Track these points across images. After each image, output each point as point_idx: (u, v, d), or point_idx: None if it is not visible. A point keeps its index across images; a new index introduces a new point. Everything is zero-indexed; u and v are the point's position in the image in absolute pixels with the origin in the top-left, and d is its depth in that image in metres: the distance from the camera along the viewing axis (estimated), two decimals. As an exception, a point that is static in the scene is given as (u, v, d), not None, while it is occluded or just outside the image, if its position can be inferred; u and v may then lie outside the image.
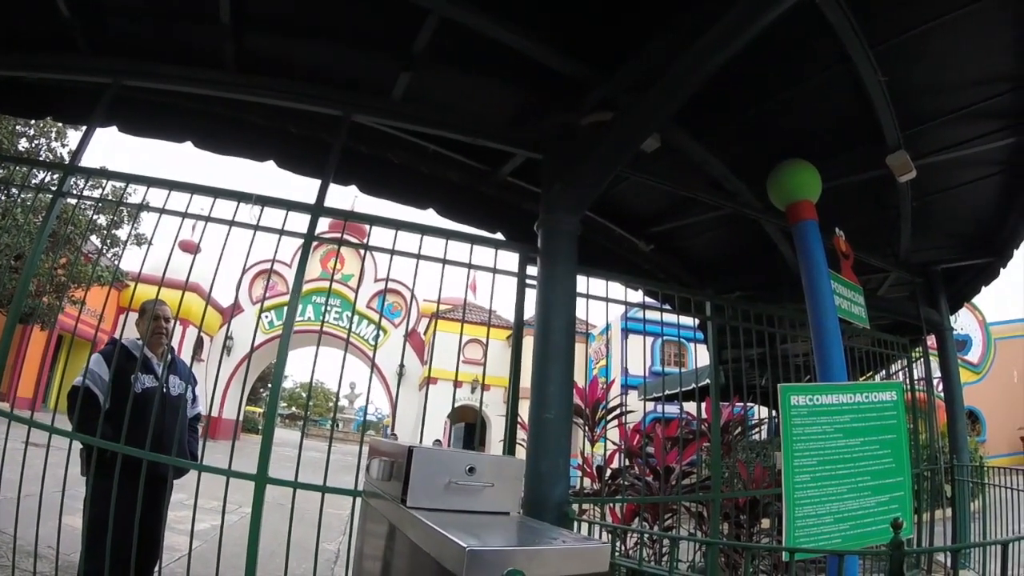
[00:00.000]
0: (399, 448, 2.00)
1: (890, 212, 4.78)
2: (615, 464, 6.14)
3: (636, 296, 4.99)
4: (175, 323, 3.71)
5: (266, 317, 27.52)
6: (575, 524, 3.10)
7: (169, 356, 3.60)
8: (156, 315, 3.61)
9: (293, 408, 62.93)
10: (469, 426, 24.67)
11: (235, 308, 26.74)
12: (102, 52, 4.05)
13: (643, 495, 5.26)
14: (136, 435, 3.08)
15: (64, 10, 3.72)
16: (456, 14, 3.22)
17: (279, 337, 3.46)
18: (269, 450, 3.22)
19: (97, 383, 3.30)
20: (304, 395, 60.11)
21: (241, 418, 27.42)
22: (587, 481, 5.70)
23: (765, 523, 5.47)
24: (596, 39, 3.39)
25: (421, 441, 3.03)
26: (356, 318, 28.65)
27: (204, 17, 3.59)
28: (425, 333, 28.84)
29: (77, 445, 3.21)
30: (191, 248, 4.72)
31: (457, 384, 4.27)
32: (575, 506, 3.27)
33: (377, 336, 4.51)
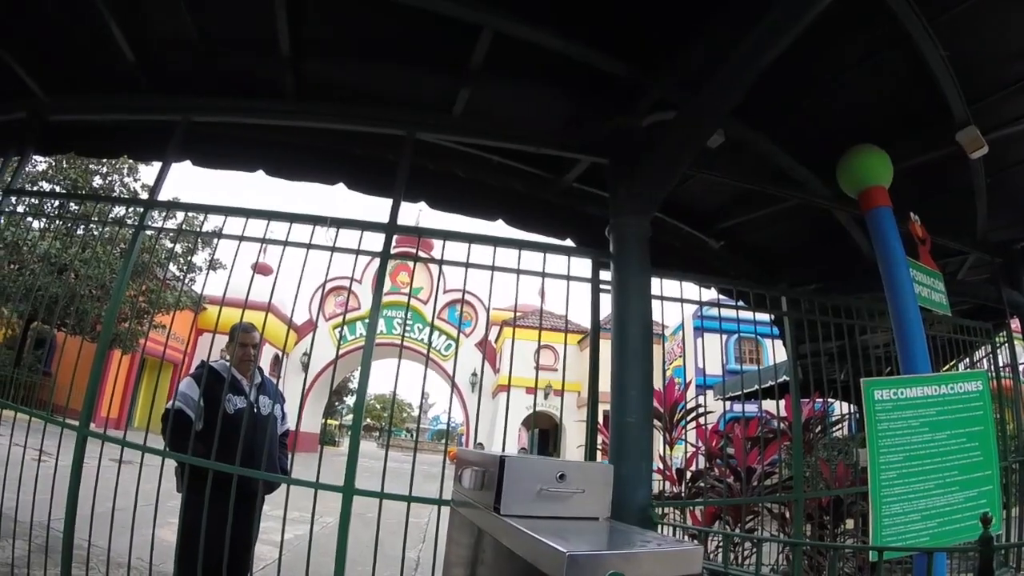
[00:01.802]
0: (489, 458, 2.03)
1: (963, 191, 4.58)
2: (695, 466, 6.07)
3: (709, 294, 4.92)
4: (261, 345, 3.86)
5: (338, 332, 28.18)
6: (658, 527, 3.09)
7: (259, 377, 3.74)
8: (244, 341, 3.77)
9: (368, 420, 63.96)
10: (543, 432, 24.65)
11: (309, 325, 27.56)
12: (169, 91, 4.24)
13: (724, 497, 5.17)
14: (229, 454, 3.21)
15: (128, 54, 3.92)
16: (507, 28, 3.27)
17: (352, 352, 3.57)
18: (355, 463, 3.30)
19: (189, 405, 3.45)
20: (379, 407, 61.34)
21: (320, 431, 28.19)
22: (667, 484, 5.65)
23: (849, 523, 5.31)
24: (646, 38, 3.37)
25: (504, 448, 3.07)
26: (428, 329, 28.87)
27: (264, 48, 3.73)
28: (496, 341, 28.97)
29: (170, 463, 3.37)
30: (266, 271, 4.89)
31: (531, 391, 4.29)
32: (657, 510, 3.25)
33: (456, 348, 4.58)
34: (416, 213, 37.51)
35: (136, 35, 3.87)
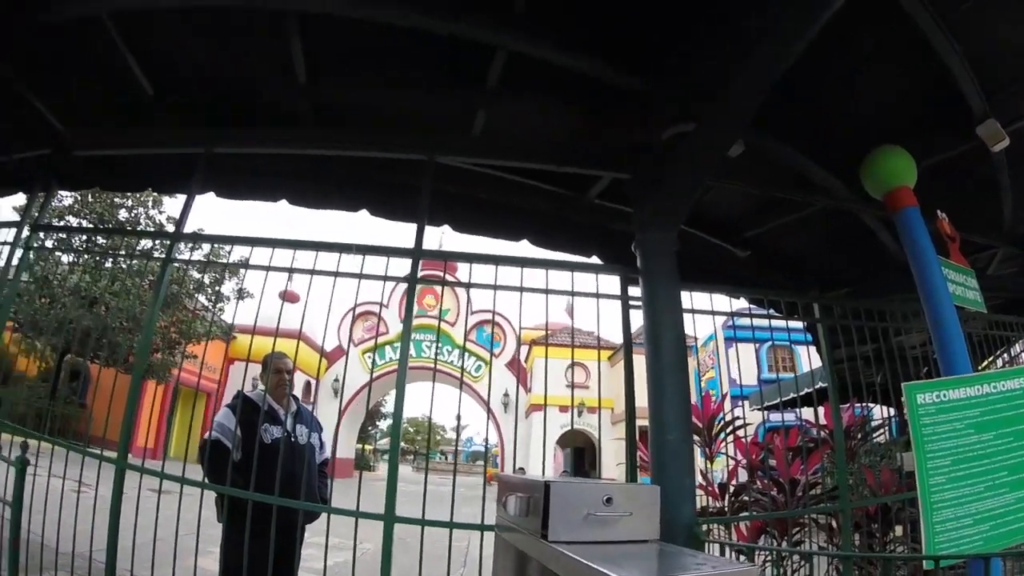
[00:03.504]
0: (534, 483, 2.01)
1: (988, 185, 4.50)
2: (736, 480, 5.98)
3: (738, 304, 4.88)
4: (294, 373, 3.89)
5: (368, 357, 28.32)
6: (705, 546, 3.04)
7: (294, 406, 3.76)
8: (278, 368, 3.80)
9: (403, 444, 63.65)
10: (577, 450, 24.48)
11: (339, 351, 27.68)
12: (189, 123, 4.31)
13: (768, 510, 5.08)
14: (267, 483, 3.22)
15: (147, 87, 4.00)
16: (521, 47, 3.28)
17: (382, 376, 3.59)
18: (395, 491, 3.30)
19: (226, 435, 3.47)
20: (411, 430, 61.33)
21: (354, 456, 28.30)
22: (708, 499, 5.57)
23: (898, 530, 5.19)
24: (660, 51, 3.36)
25: (544, 471, 3.05)
26: (458, 352, 29.08)
27: (282, 80, 3.78)
28: (526, 360, 28.89)
29: (210, 492, 3.41)
30: (294, 299, 4.93)
31: (563, 409, 4.27)
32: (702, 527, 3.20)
33: (490, 368, 4.58)
34: (439, 235, 37.69)
35: (154, 69, 3.95)
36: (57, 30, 3.59)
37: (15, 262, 4.37)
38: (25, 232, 4.37)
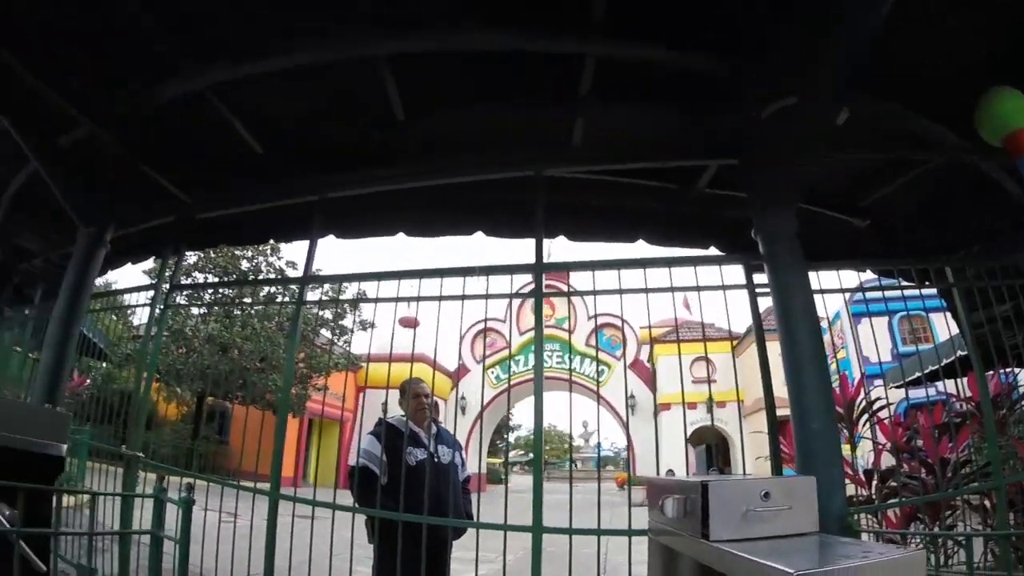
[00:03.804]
0: (689, 484, 2.01)
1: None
2: (881, 465, 5.68)
3: (864, 277, 4.65)
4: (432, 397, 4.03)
5: (492, 373, 28.68)
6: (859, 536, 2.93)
7: (434, 428, 3.89)
8: (416, 393, 3.94)
9: (530, 454, 63.71)
10: (708, 448, 23.84)
11: (462, 371, 28.20)
12: (300, 174, 4.56)
13: (919, 494, 4.80)
14: (416, 504, 3.37)
15: (256, 146, 4.26)
16: (609, 51, 3.29)
17: (504, 391, 3.67)
18: (541, 502, 3.37)
19: (373, 461, 3.65)
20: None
21: (484, 470, 28.78)
22: (854, 488, 5.31)
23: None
24: (748, 30, 3.24)
25: (688, 471, 3.02)
26: (579, 358, 29.04)
27: (381, 117, 3.93)
28: (649, 360, 28.54)
29: (360, 516, 3.62)
30: (412, 324, 5.11)
31: (691, 406, 4.22)
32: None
33: (624, 373, 4.56)
34: (546, 247, 37.86)
35: (259, 128, 4.20)
36: (165, 109, 3.88)
37: (157, 321, 4.79)
38: (163, 291, 4.78)
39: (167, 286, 5.02)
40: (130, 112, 3.96)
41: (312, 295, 4.92)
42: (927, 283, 4.19)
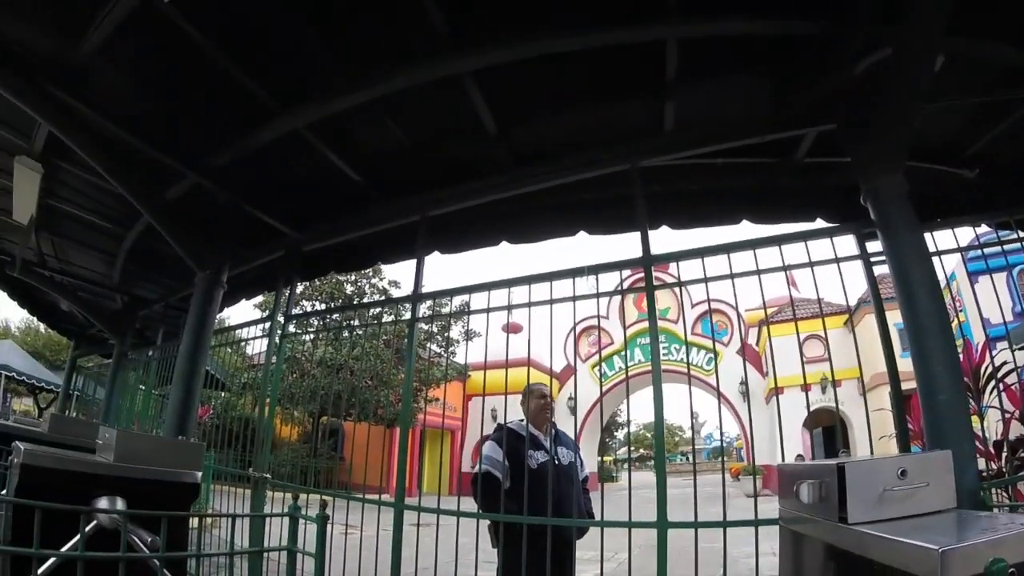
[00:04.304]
0: (824, 467, 1.95)
1: None
2: (1010, 436, 5.28)
3: (980, 232, 4.33)
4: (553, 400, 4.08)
5: (598, 370, 28.64)
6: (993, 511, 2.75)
7: (553, 430, 3.95)
8: (542, 394, 3.99)
9: (641, 450, 63.51)
10: (827, 430, 22.85)
11: (568, 371, 28.29)
12: (400, 196, 4.75)
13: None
14: (539, 506, 3.41)
15: (353, 175, 4.48)
16: (687, 31, 3.24)
17: (613, 387, 3.64)
18: (665, 498, 3.34)
19: (495, 467, 3.69)
20: (649, 435, 60.81)
21: (600, 469, 28.67)
22: (983, 461, 4.97)
23: None
24: None
25: (814, 455, 2.92)
26: (683, 347, 28.45)
27: (473, 132, 4.04)
28: (758, 343, 27.73)
29: (484, 521, 3.68)
30: (516, 330, 5.18)
31: (805, 388, 4.08)
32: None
33: (716, 361, 4.48)
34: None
35: (356, 158, 4.41)
36: (264, 151, 4.14)
37: (275, 351, 5.08)
38: (279, 322, 5.06)
39: (282, 317, 5.30)
40: (230, 160, 4.24)
41: (420, 311, 5.08)
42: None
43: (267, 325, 5.28)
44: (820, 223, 4.35)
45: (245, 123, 3.98)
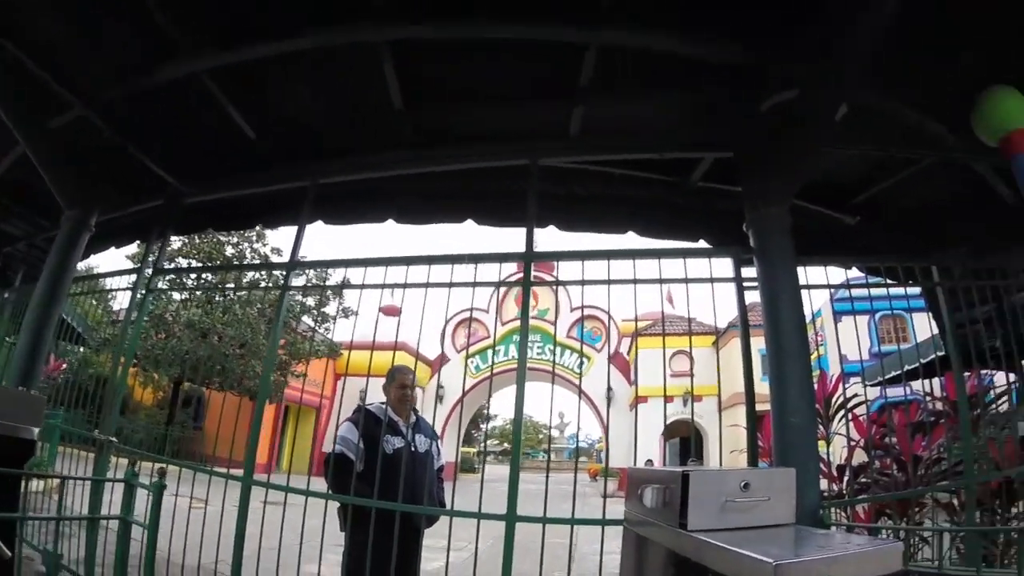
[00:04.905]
0: (669, 474, 1.99)
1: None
2: (854, 461, 5.73)
3: (849, 275, 4.65)
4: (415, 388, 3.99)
5: (471, 363, 28.67)
6: (831, 530, 2.95)
7: (414, 417, 3.87)
8: (403, 383, 3.89)
9: (506, 444, 63.99)
10: (684, 440, 23.97)
11: (440, 359, 28.20)
12: (292, 159, 4.52)
13: (889, 491, 4.85)
14: (390, 491, 3.33)
15: (249, 132, 4.21)
16: (612, 39, 3.27)
17: (482, 381, 3.63)
18: (516, 491, 3.35)
19: (349, 448, 3.59)
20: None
21: (458, 459, 28.82)
22: (825, 483, 5.35)
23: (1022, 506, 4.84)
24: (752, 22, 3.21)
25: (666, 461, 3.01)
26: (559, 349, 29.17)
27: (378, 106, 3.90)
28: (629, 353, 28.62)
29: (333, 503, 3.58)
30: (394, 312, 5.06)
31: (667, 399, 4.20)
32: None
33: (581, 364, 4.57)
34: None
35: (254, 114, 4.16)
36: (159, 93, 3.83)
37: (138, 305, 4.72)
38: (146, 276, 4.70)
39: (150, 270, 4.94)
40: (123, 95, 3.90)
41: (297, 281, 4.86)
42: (911, 281, 4.19)
43: (133, 277, 4.89)
44: (702, 244, 4.53)
45: (145, 57, 3.66)
